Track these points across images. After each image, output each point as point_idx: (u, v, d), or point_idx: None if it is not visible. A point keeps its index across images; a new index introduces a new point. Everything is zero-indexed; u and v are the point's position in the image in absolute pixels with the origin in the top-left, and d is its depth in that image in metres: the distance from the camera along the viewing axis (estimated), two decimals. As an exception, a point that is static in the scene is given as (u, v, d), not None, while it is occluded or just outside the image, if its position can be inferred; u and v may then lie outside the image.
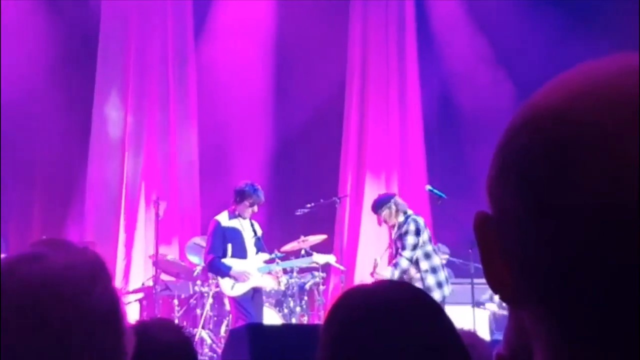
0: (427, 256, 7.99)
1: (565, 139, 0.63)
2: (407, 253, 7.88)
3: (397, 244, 8.04)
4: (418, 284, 7.67)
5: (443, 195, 8.67)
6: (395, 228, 8.09)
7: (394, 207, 8.09)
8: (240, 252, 8.28)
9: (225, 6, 11.67)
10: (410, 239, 7.93)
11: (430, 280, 7.87)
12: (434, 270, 7.95)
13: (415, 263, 7.95)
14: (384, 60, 11.77)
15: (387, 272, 7.92)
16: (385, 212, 8.09)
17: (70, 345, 1.29)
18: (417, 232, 7.97)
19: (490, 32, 11.54)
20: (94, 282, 1.34)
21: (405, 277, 7.94)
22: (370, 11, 11.84)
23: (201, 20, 11.70)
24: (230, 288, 8.19)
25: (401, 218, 8.07)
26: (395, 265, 7.88)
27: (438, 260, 8.09)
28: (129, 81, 11.15)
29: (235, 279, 8.16)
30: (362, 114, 11.75)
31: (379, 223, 8.38)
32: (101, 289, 1.35)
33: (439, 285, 7.87)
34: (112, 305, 1.36)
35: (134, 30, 11.18)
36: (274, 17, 11.63)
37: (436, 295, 7.61)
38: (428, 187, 9.08)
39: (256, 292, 8.32)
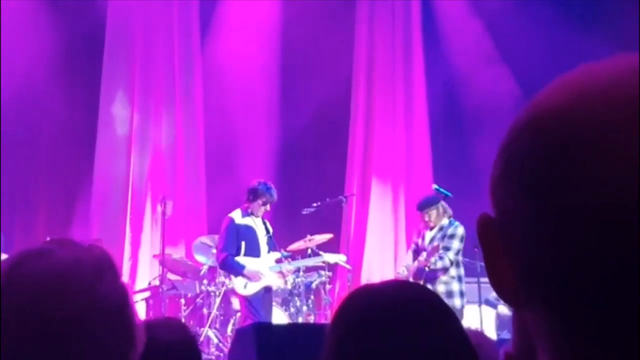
0: (458, 264, 8.22)
1: (566, 139, 0.64)
2: (452, 255, 8.07)
3: (432, 242, 8.16)
4: (441, 287, 7.85)
5: (449, 194, 8.67)
6: (436, 229, 8.24)
7: (441, 209, 8.29)
8: (254, 251, 8.28)
9: (231, 6, 11.67)
10: (456, 244, 8.13)
11: (455, 286, 8.08)
12: (459, 278, 8.19)
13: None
14: (390, 60, 11.77)
15: (432, 258, 8.05)
16: (433, 212, 8.25)
17: (72, 342, 1.29)
18: (462, 239, 8.15)
19: (495, 32, 11.54)
20: (100, 279, 1.34)
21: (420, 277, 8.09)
22: (377, 11, 11.84)
23: (207, 19, 11.71)
24: (243, 287, 8.19)
25: (445, 221, 8.25)
26: (441, 258, 8.04)
27: (463, 270, 8.26)
28: (135, 80, 11.17)
29: (249, 278, 8.16)
30: (369, 113, 11.75)
31: (420, 222, 8.52)
32: (107, 286, 1.35)
33: (461, 294, 8.10)
34: (119, 302, 1.36)
35: (140, 29, 11.20)
36: (280, 16, 11.63)
37: (457, 303, 7.85)
38: (434, 186, 9.07)
39: (267, 291, 8.32)
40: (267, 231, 8.45)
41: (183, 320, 8.80)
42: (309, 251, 9.16)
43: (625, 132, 0.61)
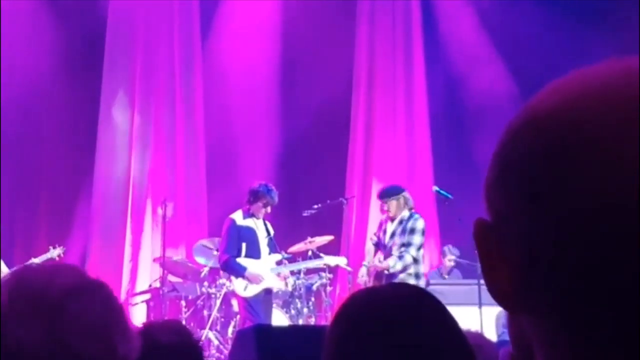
0: (417, 261, 8.05)
1: (566, 139, 0.64)
2: (413, 252, 7.92)
3: (394, 238, 8.07)
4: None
5: (450, 196, 8.66)
6: (397, 221, 8.12)
7: (402, 200, 8.14)
8: (254, 252, 8.26)
9: (232, 7, 11.67)
10: (418, 239, 7.98)
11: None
12: (417, 276, 8.00)
13: None
14: (390, 61, 11.77)
15: (391, 261, 7.93)
16: (393, 202, 8.11)
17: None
18: (423, 232, 8.02)
19: (495, 33, 11.54)
20: (73, 300, 1.32)
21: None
22: (377, 12, 11.85)
23: (208, 20, 11.71)
24: (243, 289, 8.18)
25: (406, 213, 8.11)
26: (401, 258, 7.91)
27: (422, 268, 8.16)
28: (135, 81, 11.16)
29: (250, 280, 8.15)
30: (369, 114, 11.75)
31: (382, 211, 8.38)
32: (82, 306, 1.33)
33: None
34: (99, 321, 1.34)
35: (141, 31, 11.20)
36: (281, 17, 11.63)
37: None
38: (435, 188, 9.07)
39: (267, 293, 8.32)
40: (268, 233, 8.45)
41: (184, 322, 8.80)
42: (310, 253, 9.16)
43: (625, 132, 0.61)
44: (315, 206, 9.35)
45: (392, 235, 8.09)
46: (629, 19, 9.40)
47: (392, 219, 8.15)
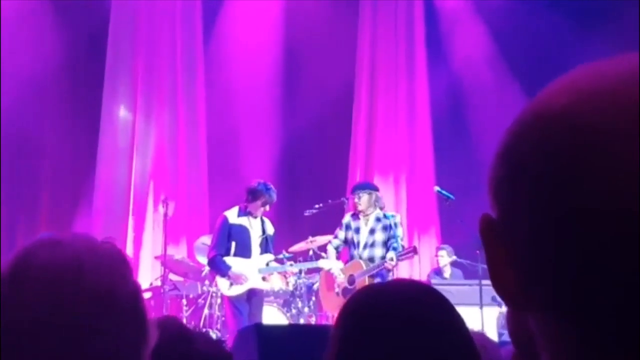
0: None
1: (572, 140, 0.63)
2: (400, 242, 8.13)
3: (374, 234, 8.19)
4: (371, 280, 7.80)
5: (451, 197, 8.65)
6: (372, 219, 8.25)
7: (373, 197, 8.30)
8: (244, 251, 8.16)
9: (234, 6, 11.69)
10: (400, 231, 8.26)
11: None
12: (388, 270, 8.09)
13: (371, 260, 8.12)
14: (392, 60, 11.78)
15: (389, 255, 8.04)
16: (365, 196, 8.26)
17: (86, 332, 1.28)
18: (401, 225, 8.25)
19: (497, 31, 11.55)
20: (115, 271, 1.34)
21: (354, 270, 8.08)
22: (380, 11, 11.86)
23: (210, 20, 11.72)
24: (227, 288, 8.08)
25: (379, 212, 8.30)
26: (395, 249, 8.08)
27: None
28: (137, 80, 11.18)
29: (232, 279, 8.06)
30: (371, 114, 11.76)
31: (351, 205, 8.45)
32: (122, 279, 1.35)
33: None
34: (133, 295, 1.36)
35: (143, 31, 11.21)
36: (283, 16, 11.65)
37: None
38: (436, 188, 9.06)
39: (255, 293, 8.15)
40: (264, 232, 8.34)
41: (184, 320, 8.80)
42: (311, 252, 9.15)
43: (632, 134, 0.61)
44: (317, 205, 9.33)
45: (372, 231, 8.18)
46: (630, 19, 9.39)
47: (362, 214, 8.27)
